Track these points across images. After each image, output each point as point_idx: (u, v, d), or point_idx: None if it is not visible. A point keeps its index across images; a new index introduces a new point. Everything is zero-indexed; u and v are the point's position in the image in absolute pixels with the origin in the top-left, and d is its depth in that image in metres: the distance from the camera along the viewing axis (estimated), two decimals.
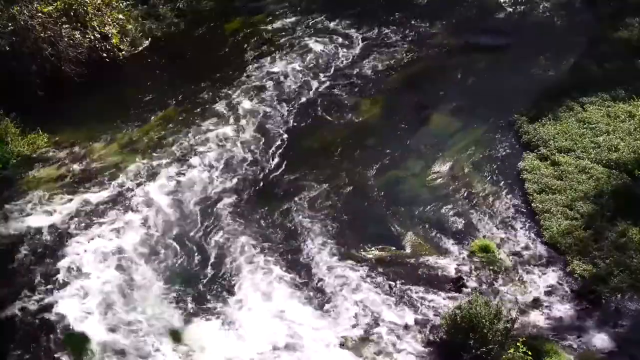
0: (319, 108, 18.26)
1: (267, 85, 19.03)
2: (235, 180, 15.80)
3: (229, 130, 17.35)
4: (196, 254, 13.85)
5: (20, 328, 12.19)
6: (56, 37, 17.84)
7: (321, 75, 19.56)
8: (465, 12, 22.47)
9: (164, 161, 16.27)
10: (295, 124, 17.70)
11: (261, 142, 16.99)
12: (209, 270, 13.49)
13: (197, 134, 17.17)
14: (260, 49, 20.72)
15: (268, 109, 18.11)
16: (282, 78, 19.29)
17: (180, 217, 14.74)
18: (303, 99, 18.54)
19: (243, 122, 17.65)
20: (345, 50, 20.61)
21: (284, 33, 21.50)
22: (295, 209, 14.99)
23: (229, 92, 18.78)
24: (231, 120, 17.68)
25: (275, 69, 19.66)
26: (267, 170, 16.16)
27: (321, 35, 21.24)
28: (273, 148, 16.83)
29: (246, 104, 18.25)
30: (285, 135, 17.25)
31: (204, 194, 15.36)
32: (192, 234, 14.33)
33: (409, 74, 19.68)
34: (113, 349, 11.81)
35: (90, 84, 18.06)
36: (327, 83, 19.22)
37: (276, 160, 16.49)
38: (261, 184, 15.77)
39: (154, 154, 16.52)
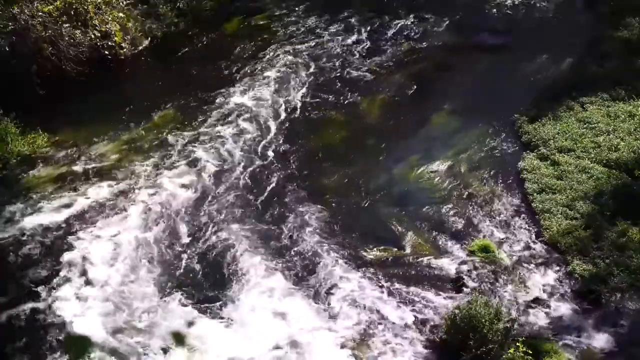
0: (319, 108, 18.27)
1: (268, 84, 19.03)
2: (236, 181, 15.80)
3: (229, 129, 17.35)
4: (197, 254, 13.85)
5: (20, 328, 12.18)
6: (57, 36, 17.84)
7: (322, 74, 19.58)
8: (466, 11, 22.47)
9: (164, 161, 16.28)
10: (296, 123, 17.71)
11: (262, 142, 17.00)
12: (211, 270, 13.49)
13: (197, 134, 17.17)
14: (260, 48, 20.73)
15: (269, 109, 18.11)
16: (282, 78, 19.31)
17: (182, 217, 14.74)
18: (304, 99, 18.55)
19: (243, 121, 17.65)
20: (346, 49, 20.62)
21: (284, 33, 21.51)
22: (296, 209, 14.98)
23: (229, 91, 18.78)
24: (231, 120, 17.68)
25: (275, 69, 19.67)
26: (267, 170, 16.16)
27: (322, 35, 21.25)
28: (274, 148, 16.84)
29: (246, 104, 18.25)
30: (287, 135, 17.26)
31: (205, 194, 15.37)
32: (193, 234, 14.33)
33: (409, 74, 19.70)
34: (114, 350, 11.80)
35: (91, 84, 18.08)
36: (328, 82, 19.23)
37: (277, 160, 16.48)
38: (262, 184, 15.76)
39: (154, 154, 16.52)
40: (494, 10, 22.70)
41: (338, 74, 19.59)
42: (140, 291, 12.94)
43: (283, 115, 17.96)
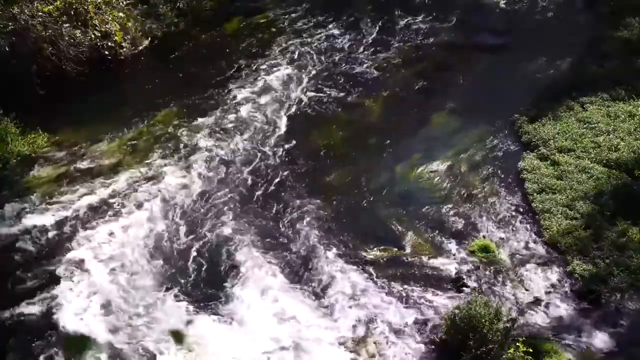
0: (320, 108, 18.27)
1: (268, 85, 19.03)
2: (237, 180, 15.81)
3: (230, 129, 17.36)
4: (198, 253, 13.85)
5: (20, 328, 12.19)
6: (57, 36, 17.84)
7: (322, 72, 19.58)
8: (466, 11, 22.47)
9: (164, 161, 16.28)
10: (296, 124, 17.70)
11: (263, 141, 17.00)
12: (211, 270, 13.49)
13: (198, 134, 17.18)
14: (261, 48, 20.74)
15: (270, 107, 18.12)
16: (283, 78, 19.31)
17: (183, 216, 14.74)
18: (304, 99, 18.55)
19: (244, 119, 17.66)
20: (346, 49, 20.63)
21: (284, 33, 21.51)
22: (297, 208, 14.99)
23: (230, 91, 18.79)
24: (232, 120, 17.69)
25: (276, 69, 19.68)
26: (269, 168, 16.17)
27: (322, 35, 21.25)
28: (274, 147, 16.84)
29: (247, 104, 18.25)
30: (287, 135, 17.26)
31: (205, 194, 15.37)
32: (194, 233, 14.32)
33: (409, 74, 19.70)
34: (114, 350, 11.81)
35: (91, 84, 18.09)
36: (329, 83, 19.23)
37: (278, 157, 16.49)
38: (262, 183, 15.76)
39: (155, 154, 16.52)
40: (494, 10, 22.70)
41: (338, 73, 19.58)
42: (140, 289, 12.95)
43: (285, 113, 17.97)
